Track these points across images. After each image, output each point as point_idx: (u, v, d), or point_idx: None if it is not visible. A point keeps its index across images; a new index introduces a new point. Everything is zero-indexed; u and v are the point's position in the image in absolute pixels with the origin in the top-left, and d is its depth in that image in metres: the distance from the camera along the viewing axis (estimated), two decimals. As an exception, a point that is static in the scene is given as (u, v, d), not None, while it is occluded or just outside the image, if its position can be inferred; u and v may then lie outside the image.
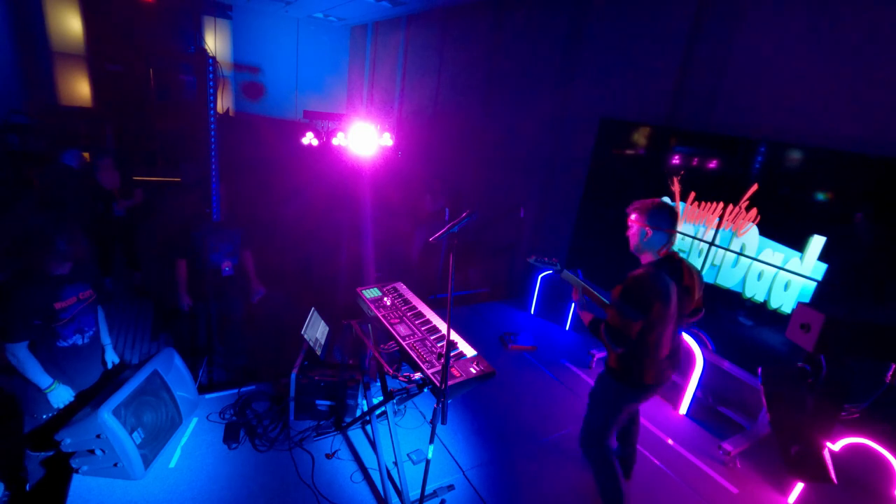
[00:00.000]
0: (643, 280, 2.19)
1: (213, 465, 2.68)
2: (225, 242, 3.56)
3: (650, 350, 2.26)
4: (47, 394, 2.34)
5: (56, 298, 2.29)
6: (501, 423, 3.31)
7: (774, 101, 3.56)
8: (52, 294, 2.28)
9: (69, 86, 8.85)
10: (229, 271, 3.58)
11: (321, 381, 3.03)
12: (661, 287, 2.17)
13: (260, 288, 3.85)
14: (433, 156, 7.98)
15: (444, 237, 2.20)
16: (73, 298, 2.36)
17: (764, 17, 3.62)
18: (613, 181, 4.42)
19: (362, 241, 4.86)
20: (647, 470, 3.06)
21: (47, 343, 2.33)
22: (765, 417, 3.34)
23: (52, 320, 2.29)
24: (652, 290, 2.17)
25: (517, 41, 6.19)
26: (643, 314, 2.15)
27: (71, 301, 2.35)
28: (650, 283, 2.18)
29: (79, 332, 2.43)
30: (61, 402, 2.40)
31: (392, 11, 8.20)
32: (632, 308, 2.16)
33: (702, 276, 2.46)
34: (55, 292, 2.29)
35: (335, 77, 11.37)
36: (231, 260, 3.60)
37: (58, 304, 2.29)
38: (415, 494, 2.54)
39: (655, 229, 2.25)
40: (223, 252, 3.56)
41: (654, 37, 4.43)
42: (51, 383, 2.34)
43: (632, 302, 2.17)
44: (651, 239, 2.27)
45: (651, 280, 2.19)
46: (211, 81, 2.96)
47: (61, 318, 2.32)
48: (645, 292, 2.17)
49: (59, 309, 2.30)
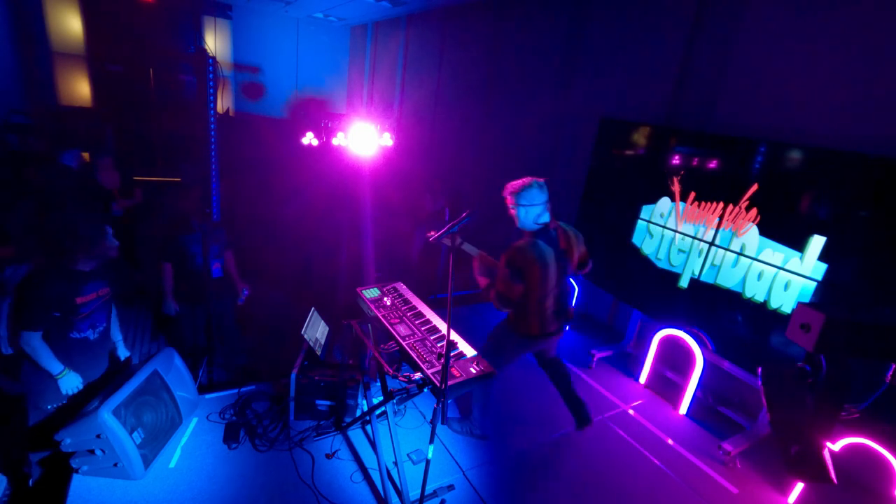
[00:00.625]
0: (522, 249, 2.56)
1: (213, 465, 2.68)
2: (213, 243, 3.50)
3: (534, 306, 2.68)
4: (58, 379, 2.40)
5: (78, 293, 2.36)
6: (501, 422, 3.31)
7: (774, 101, 3.56)
8: (76, 288, 2.35)
9: (69, 86, 8.83)
10: (218, 272, 3.55)
11: (321, 381, 3.03)
12: (536, 254, 2.55)
13: (245, 287, 3.79)
14: (433, 156, 7.98)
15: (444, 237, 2.20)
16: (93, 294, 2.44)
17: (764, 16, 3.62)
18: (613, 181, 4.42)
19: (362, 241, 4.86)
20: (647, 470, 3.06)
21: (61, 333, 2.39)
22: (765, 417, 3.34)
23: (71, 313, 2.36)
24: (528, 257, 2.54)
25: (517, 41, 6.18)
26: (522, 279, 2.55)
27: (91, 297, 2.43)
28: (527, 252, 2.55)
29: (91, 326, 2.50)
30: (71, 389, 2.46)
31: (392, 11, 8.19)
32: (513, 274, 2.55)
33: (579, 236, 2.86)
34: (79, 287, 2.36)
35: (335, 77, 11.36)
36: (219, 261, 3.57)
37: (79, 298, 2.37)
38: (415, 494, 2.54)
39: (527, 206, 2.60)
40: (212, 253, 3.49)
41: (654, 37, 4.43)
42: (62, 369, 2.40)
43: (513, 268, 2.55)
44: (525, 215, 2.62)
45: (528, 249, 2.56)
46: (211, 81, 2.95)
47: (81, 313, 2.39)
48: (523, 260, 2.54)
49: (80, 304, 2.38)
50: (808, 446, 2.03)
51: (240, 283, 3.79)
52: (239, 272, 3.81)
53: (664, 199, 3.89)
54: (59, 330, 2.37)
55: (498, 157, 6.62)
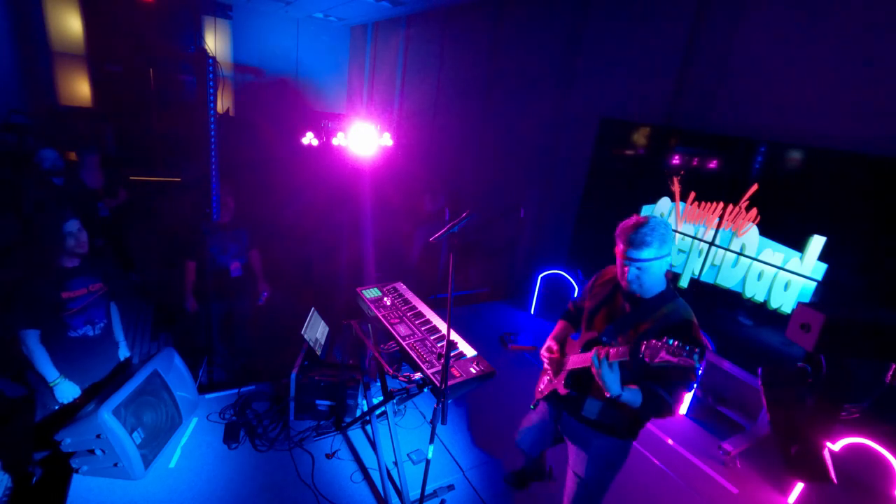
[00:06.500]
0: (696, 324, 1.87)
1: (213, 465, 2.68)
2: (232, 243, 3.56)
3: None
4: (52, 387, 2.39)
5: (63, 288, 2.36)
6: (501, 422, 3.30)
7: (774, 101, 3.56)
8: (59, 284, 2.35)
9: (69, 86, 8.83)
10: (238, 272, 3.59)
11: (321, 381, 3.03)
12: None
13: (266, 289, 3.85)
14: (433, 156, 7.98)
15: (444, 237, 2.20)
16: (82, 290, 2.43)
17: (764, 16, 3.62)
18: (613, 181, 4.42)
19: (362, 241, 4.86)
20: (647, 470, 3.06)
21: (58, 333, 2.39)
22: (765, 417, 3.34)
23: (59, 310, 2.35)
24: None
25: (517, 41, 6.18)
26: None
27: (80, 292, 2.42)
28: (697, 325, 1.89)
29: (89, 322, 2.49)
30: (66, 398, 2.44)
31: (392, 11, 8.19)
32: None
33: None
34: (62, 282, 2.36)
35: (335, 77, 11.36)
36: (239, 260, 3.60)
37: (65, 293, 2.36)
38: (415, 494, 2.54)
39: (667, 256, 1.87)
40: (231, 253, 3.56)
41: (654, 37, 4.43)
42: (56, 377, 2.39)
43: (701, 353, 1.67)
44: (661, 269, 1.89)
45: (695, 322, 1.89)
46: (211, 81, 2.95)
47: (69, 308, 2.38)
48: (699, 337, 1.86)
49: (67, 299, 2.37)
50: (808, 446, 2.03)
51: (262, 284, 3.83)
52: (263, 272, 3.84)
53: (664, 199, 3.88)
54: (55, 330, 2.37)
55: (498, 157, 6.62)
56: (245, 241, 3.66)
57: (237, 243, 3.59)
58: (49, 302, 2.32)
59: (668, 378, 1.78)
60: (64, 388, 2.42)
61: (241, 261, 3.62)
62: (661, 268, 1.82)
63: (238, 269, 3.59)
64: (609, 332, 1.92)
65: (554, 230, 5.70)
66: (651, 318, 1.84)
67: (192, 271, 3.53)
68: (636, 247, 1.77)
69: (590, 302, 2.12)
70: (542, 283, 5.10)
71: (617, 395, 1.77)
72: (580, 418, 2.08)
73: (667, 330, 1.73)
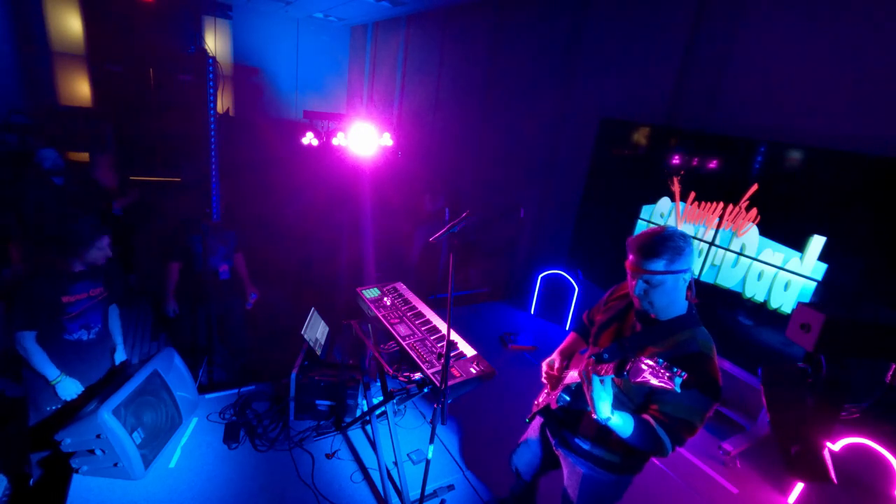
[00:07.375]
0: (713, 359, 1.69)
1: (213, 465, 2.68)
2: (220, 245, 3.50)
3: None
4: (55, 385, 2.39)
5: (64, 292, 2.35)
6: (501, 422, 3.30)
7: (774, 101, 3.56)
8: (62, 288, 2.34)
9: (69, 86, 8.83)
10: (226, 275, 3.55)
11: (321, 381, 3.03)
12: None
13: (254, 291, 3.80)
14: (433, 156, 7.98)
15: (444, 237, 2.20)
16: (83, 294, 2.43)
17: (764, 16, 3.61)
18: (614, 181, 4.42)
19: (362, 241, 4.86)
20: (646, 470, 3.05)
21: (54, 336, 2.38)
22: (765, 417, 3.34)
23: (58, 313, 2.35)
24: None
25: (517, 41, 6.18)
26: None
27: (81, 297, 2.41)
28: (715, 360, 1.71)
29: (84, 327, 2.48)
30: (68, 395, 2.45)
31: (392, 11, 8.19)
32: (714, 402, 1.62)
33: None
34: (65, 286, 2.35)
35: (335, 77, 11.36)
36: (227, 263, 3.57)
37: (66, 297, 2.35)
38: (415, 494, 2.54)
39: (687, 270, 1.67)
40: (219, 255, 3.51)
41: (654, 37, 4.43)
42: (58, 375, 2.39)
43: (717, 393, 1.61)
44: (680, 286, 1.72)
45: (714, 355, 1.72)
46: (211, 81, 2.95)
47: (68, 312, 2.38)
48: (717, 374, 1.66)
49: (67, 303, 2.36)
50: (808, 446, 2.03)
51: (249, 287, 3.79)
52: (250, 274, 3.81)
53: (664, 199, 3.88)
54: (51, 331, 2.36)
55: (498, 157, 6.62)
56: (233, 244, 3.61)
57: (225, 245, 3.53)
58: (49, 304, 2.31)
59: (670, 415, 1.58)
60: (66, 386, 2.42)
61: (228, 263, 3.58)
62: (674, 285, 1.61)
63: (226, 272, 3.55)
64: (612, 349, 1.72)
65: (554, 230, 5.70)
66: (662, 344, 1.64)
67: (176, 272, 3.46)
68: (643, 256, 1.59)
69: (602, 316, 1.97)
70: (542, 283, 5.10)
71: (605, 420, 1.55)
72: (571, 445, 1.95)
73: (676, 360, 1.45)
